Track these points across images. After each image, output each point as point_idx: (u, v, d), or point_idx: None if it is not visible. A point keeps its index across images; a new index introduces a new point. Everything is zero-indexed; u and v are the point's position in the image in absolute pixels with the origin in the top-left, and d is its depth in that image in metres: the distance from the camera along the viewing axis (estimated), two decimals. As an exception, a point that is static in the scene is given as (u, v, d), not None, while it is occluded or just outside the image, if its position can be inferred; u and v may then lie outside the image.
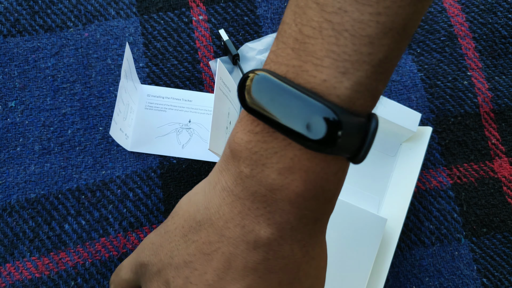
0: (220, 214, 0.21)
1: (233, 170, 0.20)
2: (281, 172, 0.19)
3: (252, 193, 0.20)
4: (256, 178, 0.19)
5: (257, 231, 0.20)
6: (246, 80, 0.19)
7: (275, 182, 0.19)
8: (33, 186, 0.36)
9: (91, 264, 0.34)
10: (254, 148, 0.19)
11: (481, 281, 0.36)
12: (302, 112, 0.18)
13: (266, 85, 0.18)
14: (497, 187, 0.38)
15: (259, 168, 0.19)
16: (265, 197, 0.19)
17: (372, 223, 0.33)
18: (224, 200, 0.20)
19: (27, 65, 0.39)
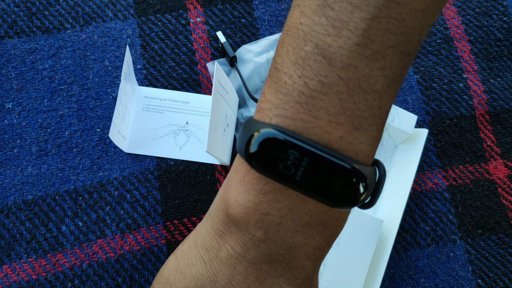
0: (233, 285, 0.19)
1: (239, 234, 0.19)
2: (298, 229, 0.18)
3: (268, 255, 0.19)
4: (271, 241, 0.18)
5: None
6: (251, 139, 0.18)
7: (293, 240, 0.18)
8: (30, 187, 0.36)
9: (88, 266, 0.35)
10: (266, 209, 0.18)
11: (476, 282, 0.36)
12: (326, 172, 0.17)
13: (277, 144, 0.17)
14: (492, 189, 0.38)
15: (273, 229, 0.18)
16: (283, 256, 0.19)
17: (368, 225, 0.33)
18: (236, 269, 0.19)
19: (25, 67, 0.39)
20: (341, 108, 0.17)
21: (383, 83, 0.17)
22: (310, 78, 0.17)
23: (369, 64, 0.17)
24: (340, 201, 0.17)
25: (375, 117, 0.18)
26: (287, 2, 0.42)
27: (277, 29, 0.41)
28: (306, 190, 0.17)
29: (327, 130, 0.17)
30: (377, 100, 0.17)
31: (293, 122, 0.18)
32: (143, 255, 0.35)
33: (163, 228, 0.36)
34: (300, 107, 0.17)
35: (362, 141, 0.18)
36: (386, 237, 0.34)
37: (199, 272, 0.20)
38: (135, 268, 0.35)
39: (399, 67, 0.18)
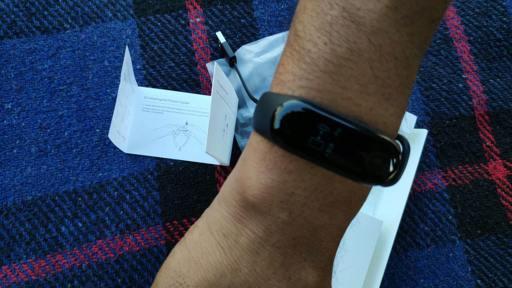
0: (258, 272, 0.18)
1: (261, 217, 0.18)
2: (322, 209, 0.17)
3: (293, 238, 0.18)
4: (296, 222, 0.17)
5: (304, 278, 0.18)
6: (275, 112, 0.16)
7: (317, 221, 0.17)
8: (29, 188, 0.36)
9: (87, 266, 0.34)
10: (290, 189, 0.17)
11: (476, 283, 0.36)
12: (357, 148, 0.16)
13: (304, 117, 0.16)
14: (491, 189, 0.38)
15: (298, 210, 0.17)
16: (307, 239, 0.18)
17: (368, 225, 0.33)
18: (259, 255, 0.18)
19: (24, 67, 0.39)
20: (373, 76, 0.16)
21: (411, 50, 0.16)
22: (338, 45, 0.16)
23: (400, 29, 0.16)
24: (370, 177, 0.16)
25: (404, 86, 0.16)
26: (286, 2, 0.42)
27: (276, 29, 0.41)
28: (336, 166, 0.16)
29: (357, 101, 0.16)
30: (406, 68, 0.16)
31: (319, 94, 0.16)
32: (143, 255, 0.35)
33: (162, 229, 0.36)
34: (328, 77, 0.16)
35: (392, 113, 0.16)
36: (385, 237, 0.34)
37: (217, 260, 0.18)
38: (135, 269, 0.35)
39: (425, 34, 0.16)
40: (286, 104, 0.16)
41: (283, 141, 0.16)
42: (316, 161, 0.16)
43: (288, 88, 0.17)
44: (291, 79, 0.17)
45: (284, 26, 0.41)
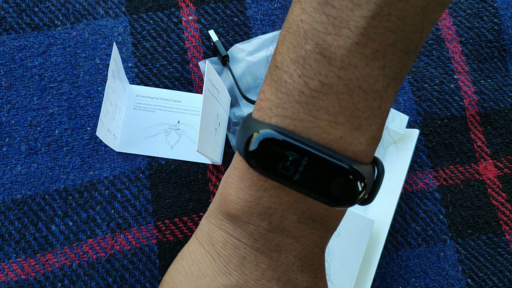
0: (247, 274, 0.19)
1: (244, 226, 0.19)
2: (301, 221, 0.19)
3: (276, 244, 0.19)
4: (277, 230, 0.19)
5: (294, 280, 0.19)
6: (251, 139, 0.18)
7: (298, 231, 0.19)
8: (19, 186, 0.36)
9: (78, 266, 0.34)
10: (267, 203, 0.19)
11: (466, 282, 0.36)
12: (324, 172, 0.17)
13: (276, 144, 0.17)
14: (482, 189, 0.38)
15: (277, 221, 0.19)
16: (291, 245, 0.19)
17: (359, 225, 0.33)
18: (245, 259, 0.19)
19: (14, 64, 0.38)
20: (341, 108, 0.17)
21: (382, 83, 0.17)
22: (310, 78, 0.17)
23: (369, 63, 0.17)
24: (339, 201, 0.18)
25: (375, 117, 0.18)
26: (279, 1, 0.42)
27: (269, 28, 0.41)
28: (305, 189, 0.18)
29: (327, 130, 0.17)
30: (377, 100, 0.17)
31: (293, 122, 0.18)
32: (134, 255, 0.35)
33: (154, 228, 0.36)
34: (300, 107, 0.17)
35: (361, 142, 0.18)
36: (377, 237, 0.34)
37: (207, 267, 0.20)
38: (126, 268, 0.35)
39: (399, 66, 0.17)
40: (262, 132, 0.18)
41: (257, 164, 0.18)
42: (286, 184, 0.18)
43: (266, 115, 0.18)
44: (269, 107, 0.18)
45: (276, 25, 0.41)
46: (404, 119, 0.36)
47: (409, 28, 0.17)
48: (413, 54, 0.18)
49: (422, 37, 0.18)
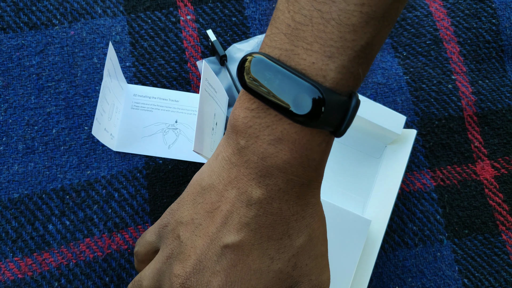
0: (220, 179, 0.24)
1: (231, 142, 0.23)
2: (271, 143, 0.22)
3: (246, 160, 0.23)
4: (250, 149, 0.22)
5: (249, 192, 0.23)
6: (244, 62, 0.22)
7: (266, 151, 0.22)
8: (16, 185, 0.36)
9: (75, 265, 0.34)
10: (249, 122, 0.22)
11: (462, 282, 0.36)
12: (292, 90, 0.20)
13: (262, 66, 0.21)
14: (479, 189, 0.39)
15: (252, 140, 0.22)
16: (257, 164, 0.22)
17: (356, 224, 0.33)
18: (223, 168, 0.24)
19: (11, 63, 0.38)
20: (316, 37, 0.20)
21: (359, 18, 0.19)
22: (296, 12, 0.20)
23: None
24: (302, 117, 0.20)
25: (346, 48, 0.20)
26: (278, 1, 0.42)
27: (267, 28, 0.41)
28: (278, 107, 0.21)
29: (303, 57, 0.20)
30: (350, 33, 0.20)
31: (279, 51, 0.21)
32: (131, 254, 0.35)
33: (151, 227, 0.36)
34: (286, 38, 0.21)
35: (331, 68, 0.20)
36: (374, 237, 0.34)
37: (204, 170, 0.25)
38: (123, 268, 0.35)
39: (381, 5, 0.19)
40: (255, 56, 0.21)
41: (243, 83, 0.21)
42: (265, 101, 0.21)
43: (262, 47, 0.22)
44: (265, 41, 0.22)
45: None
46: (402, 119, 0.36)
47: None
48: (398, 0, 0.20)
49: None
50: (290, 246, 0.24)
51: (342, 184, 0.38)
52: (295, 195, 0.23)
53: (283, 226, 0.23)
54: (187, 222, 0.25)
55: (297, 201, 0.23)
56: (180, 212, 0.25)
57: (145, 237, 0.28)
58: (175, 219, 0.25)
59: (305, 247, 0.24)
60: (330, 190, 0.37)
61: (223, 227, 0.23)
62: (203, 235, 0.24)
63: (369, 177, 0.38)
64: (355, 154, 0.38)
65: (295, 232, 0.24)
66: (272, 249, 0.24)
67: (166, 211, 0.27)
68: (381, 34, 0.21)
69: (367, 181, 0.38)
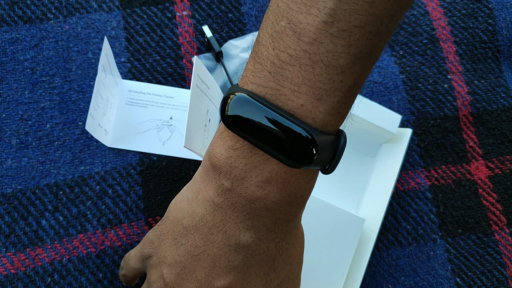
0: (204, 222, 0.23)
1: (214, 182, 0.22)
2: (259, 185, 0.21)
3: (232, 203, 0.22)
4: (236, 191, 0.22)
5: (237, 236, 0.22)
6: (227, 100, 0.21)
7: (254, 194, 0.21)
8: (9, 180, 0.35)
9: (68, 261, 0.34)
10: (234, 163, 0.21)
11: (455, 281, 0.36)
12: (280, 134, 0.20)
13: (247, 106, 0.20)
14: (473, 189, 0.39)
15: (238, 182, 0.21)
16: (244, 206, 0.22)
17: (350, 223, 0.33)
18: (207, 210, 0.23)
19: (5, 57, 0.38)
20: (303, 79, 0.19)
21: (347, 59, 0.19)
22: (281, 50, 0.20)
23: (334, 41, 0.19)
24: (295, 160, 0.20)
25: (335, 90, 0.20)
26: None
27: (264, 25, 0.41)
28: (268, 146, 0.20)
29: (290, 98, 0.20)
30: (339, 74, 0.19)
31: (264, 89, 0.20)
32: (125, 250, 0.35)
33: (145, 224, 0.36)
34: (271, 76, 0.20)
35: (321, 111, 0.20)
36: (368, 235, 0.35)
37: (183, 207, 0.24)
38: (116, 264, 0.35)
39: (368, 46, 0.19)
40: (238, 94, 0.20)
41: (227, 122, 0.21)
42: (249, 138, 0.20)
43: (245, 82, 0.21)
44: (248, 75, 0.21)
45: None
46: (397, 118, 0.36)
47: (379, 12, 0.18)
48: (385, 36, 0.19)
49: (393, 21, 0.19)
50: (276, 278, 0.24)
51: (336, 182, 0.38)
52: (282, 232, 0.23)
53: (270, 263, 0.24)
54: (170, 263, 0.24)
55: (283, 237, 0.23)
56: (162, 249, 0.25)
57: (130, 264, 0.28)
58: (158, 256, 0.25)
59: (287, 275, 0.25)
60: (324, 188, 0.37)
61: (211, 271, 0.23)
62: (191, 278, 0.24)
63: (364, 176, 0.38)
64: (350, 152, 0.38)
65: (280, 266, 0.24)
66: (260, 284, 0.24)
67: (145, 240, 0.26)
68: (366, 73, 0.20)
69: (361, 180, 0.38)
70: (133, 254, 0.28)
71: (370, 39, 0.19)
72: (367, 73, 0.20)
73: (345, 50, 0.19)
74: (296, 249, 0.25)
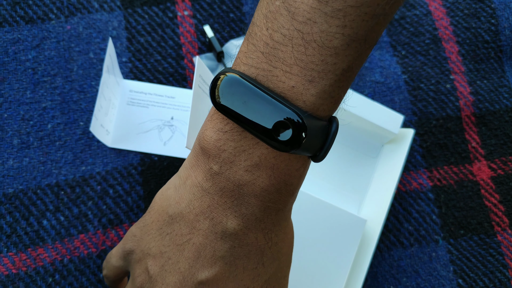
0: (190, 208, 0.22)
1: (202, 166, 0.22)
2: (248, 169, 0.20)
3: (220, 188, 0.21)
4: (224, 175, 0.21)
5: (224, 223, 0.22)
6: (217, 81, 0.20)
7: (242, 178, 0.21)
8: (11, 180, 0.36)
9: (69, 261, 0.34)
10: (223, 146, 0.21)
11: (457, 282, 0.36)
12: (271, 114, 0.19)
13: (238, 87, 0.19)
14: (475, 190, 0.38)
15: (227, 166, 0.21)
16: (233, 192, 0.21)
17: (351, 224, 0.33)
18: (194, 195, 0.22)
19: (7, 57, 0.38)
20: (296, 59, 0.19)
21: (341, 41, 0.18)
22: (274, 30, 0.19)
23: (328, 20, 0.18)
24: (283, 143, 0.19)
25: (328, 72, 0.19)
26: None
27: (265, 25, 0.41)
28: (256, 132, 0.19)
29: (282, 79, 0.19)
30: (332, 56, 0.19)
31: (256, 70, 0.19)
32: (126, 250, 0.35)
33: (146, 224, 0.36)
34: (263, 57, 0.19)
35: (312, 93, 0.19)
36: (369, 236, 0.34)
37: (170, 194, 0.23)
38: (117, 264, 0.35)
39: (363, 28, 0.18)
40: (228, 75, 0.20)
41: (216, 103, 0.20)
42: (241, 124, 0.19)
43: (237, 64, 0.20)
44: (240, 57, 0.20)
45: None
46: (399, 118, 0.36)
47: None
48: (382, 18, 0.19)
49: (390, 2, 0.18)
50: (264, 274, 0.23)
51: (338, 183, 0.37)
52: (271, 222, 0.22)
53: (258, 256, 0.23)
54: (155, 254, 0.23)
55: (272, 228, 0.23)
56: (146, 242, 0.24)
57: (111, 262, 0.27)
58: (141, 249, 0.24)
59: (276, 272, 0.24)
60: (325, 188, 0.37)
61: (195, 262, 0.22)
62: (174, 271, 0.22)
63: (366, 176, 0.38)
64: (351, 153, 0.38)
65: (269, 260, 0.23)
66: (247, 279, 0.23)
67: (128, 234, 0.25)
68: (362, 57, 0.20)
69: (363, 181, 0.38)
70: (114, 251, 0.26)
71: (366, 21, 0.18)
72: (362, 58, 0.20)
73: (339, 30, 0.18)
74: (285, 244, 0.24)
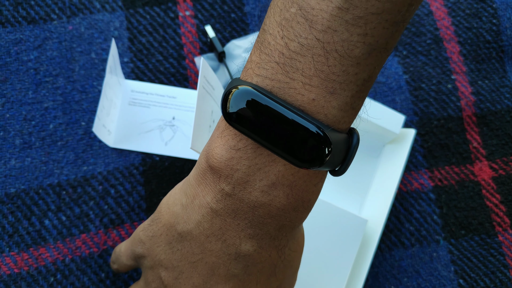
0: (200, 230, 0.21)
1: (212, 186, 0.20)
2: (264, 189, 0.19)
3: (233, 210, 0.20)
4: (237, 196, 0.20)
5: (238, 245, 0.21)
6: (229, 94, 0.19)
7: (258, 200, 0.19)
8: (13, 180, 0.36)
9: (71, 260, 0.34)
10: (236, 166, 0.19)
11: (458, 282, 0.36)
12: (291, 130, 0.18)
13: (253, 101, 0.18)
14: (477, 190, 0.38)
15: (241, 186, 0.19)
16: (246, 214, 0.20)
17: (352, 224, 0.33)
18: (204, 217, 0.21)
19: (9, 57, 0.38)
20: (316, 70, 0.17)
21: (362, 50, 0.17)
22: (291, 39, 0.18)
23: (349, 29, 0.17)
24: (305, 161, 0.18)
25: (349, 83, 0.18)
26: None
27: (267, 25, 0.41)
28: (273, 145, 0.18)
29: (301, 91, 0.18)
30: (353, 66, 0.18)
31: (271, 82, 0.18)
32: (127, 250, 0.35)
33: (147, 224, 0.36)
34: (279, 68, 0.18)
35: (334, 106, 0.18)
36: (370, 236, 0.34)
37: (177, 212, 0.22)
38: (119, 264, 0.35)
39: (384, 36, 0.17)
40: (241, 88, 0.18)
41: (230, 118, 0.19)
42: (254, 137, 0.18)
43: (249, 75, 0.19)
44: (252, 67, 0.19)
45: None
46: (401, 118, 0.36)
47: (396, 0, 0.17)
48: (401, 27, 0.18)
49: (410, 9, 0.18)
50: (275, 281, 0.23)
51: (339, 183, 0.37)
52: (286, 239, 0.22)
53: (271, 269, 0.22)
54: (167, 266, 0.23)
55: (286, 244, 0.22)
56: (156, 252, 0.23)
57: (122, 260, 0.26)
58: (152, 257, 0.23)
59: (286, 280, 0.24)
60: (326, 189, 0.37)
61: (209, 279, 0.22)
62: (188, 284, 0.22)
63: (367, 176, 0.38)
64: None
65: (281, 271, 0.23)
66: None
67: (135, 238, 0.25)
68: (380, 66, 0.19)
69: (364, 181, 0.38)
70: (124, 250, 0.26)
71: (387, 28, 0.17)
72: (381, 66, 0.19)
73: (360, 39, 0.17)
74: (297, 254, 0.24)
